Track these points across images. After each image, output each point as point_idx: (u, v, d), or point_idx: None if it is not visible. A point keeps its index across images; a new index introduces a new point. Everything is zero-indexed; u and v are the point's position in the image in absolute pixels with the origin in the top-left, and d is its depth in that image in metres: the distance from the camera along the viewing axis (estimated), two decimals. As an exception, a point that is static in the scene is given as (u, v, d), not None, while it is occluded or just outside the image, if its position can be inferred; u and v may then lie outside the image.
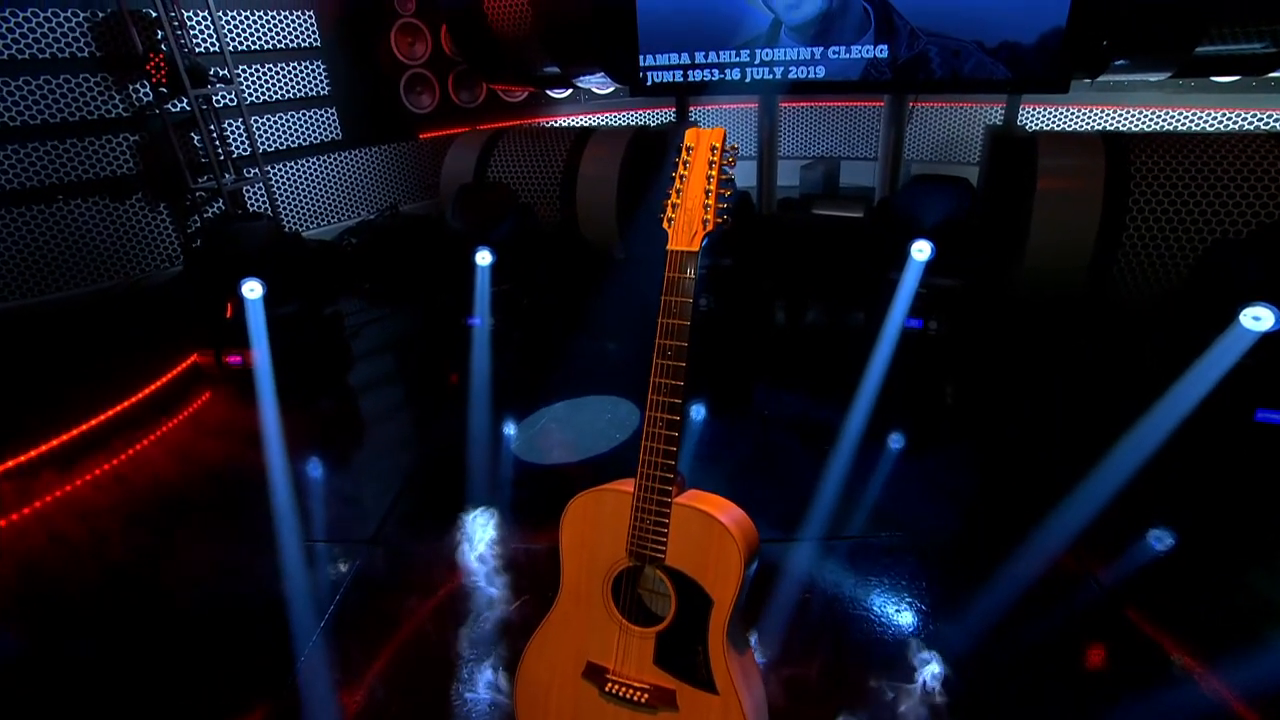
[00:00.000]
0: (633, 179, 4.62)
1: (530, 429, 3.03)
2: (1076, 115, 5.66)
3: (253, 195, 5.19)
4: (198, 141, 4.76)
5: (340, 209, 5.81)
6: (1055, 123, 5.73)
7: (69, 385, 3.54)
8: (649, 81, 4.60)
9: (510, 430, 3.01)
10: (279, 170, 5.36)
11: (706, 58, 4.38)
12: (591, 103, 6.75)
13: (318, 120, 5.51)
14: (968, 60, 3.81)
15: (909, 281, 3.16)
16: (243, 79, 4.98)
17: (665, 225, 1.25)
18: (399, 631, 1.99)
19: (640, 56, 4.53)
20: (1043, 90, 3.81)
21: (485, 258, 3.50)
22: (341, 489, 2.74)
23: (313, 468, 2.84)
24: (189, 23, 4.61)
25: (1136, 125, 5.44)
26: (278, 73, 5.19)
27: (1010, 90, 4.18)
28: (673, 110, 5.30)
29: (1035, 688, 1.75)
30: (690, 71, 4.46)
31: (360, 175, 5.87)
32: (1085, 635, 1.92)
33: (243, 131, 5.00)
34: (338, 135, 5.65)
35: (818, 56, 4.13)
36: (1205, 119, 5.17)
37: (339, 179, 5.74)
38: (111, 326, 4.31)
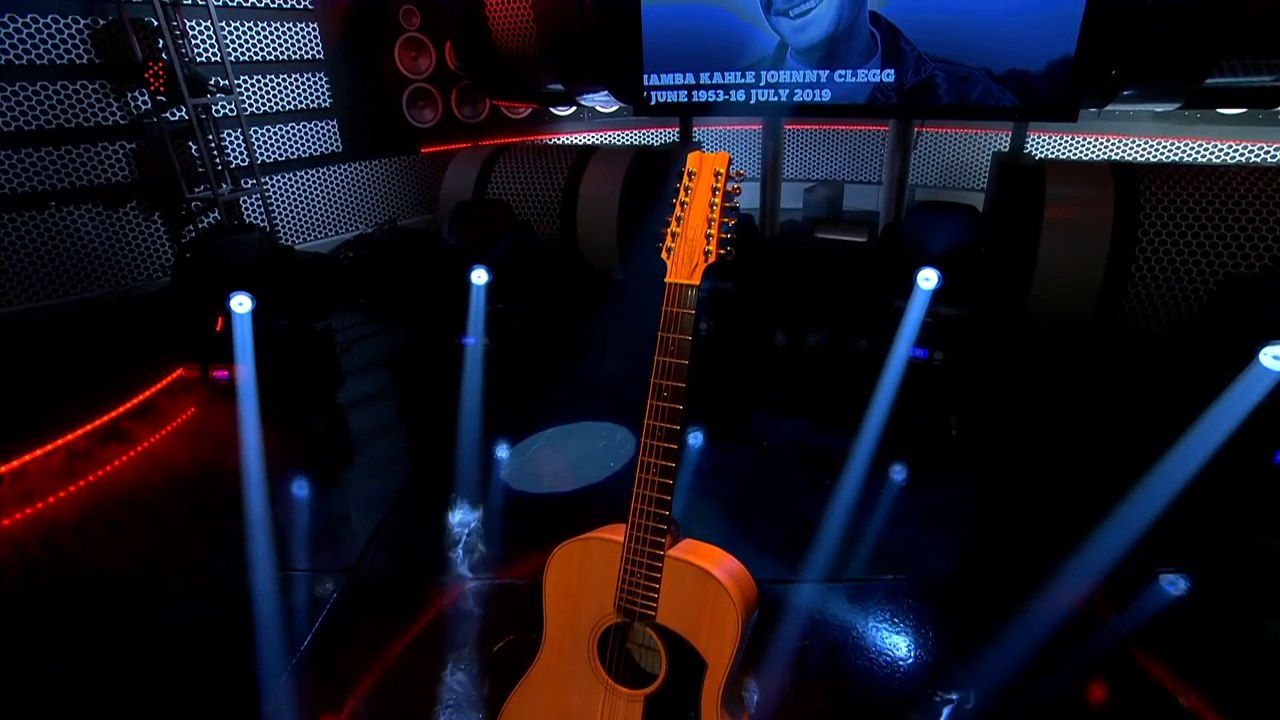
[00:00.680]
0: (634, 199, 4.56)
1: (522, 455, 2.93)
2: (1083, 144, 5.62)
3: (249, 206, 5.12)
4: (195, 151, 4.71)
5: (338, 222, 5.74)
6: (1062, 150, 5.69)
7: (50, 396, 3.45)
8: (653, 101, 4.56)
9: (502, 455, 2.91)
10: (278, 181, 5.29)
11: (711, 78, 4.35)
12: (595, 120, 6.72)
13: (318, 132, 5.45)
14: (975, 87, 3.76)
15: (915, 310, 3.07)
16: (243, 89, 4.93)
17: (664, 256, 1.16)
18: (374, 667, 1.88)
19: (645, 76, 4.50)
20: (1050, 118, 3.76)
21: (481, 276, 3.44)
22: (322, 512, 2.63)
23: (295, 489, 2.73)
24: (191, 32, 4.58)
25: (1143, 155, 5.40)
26: (279, 84, 5.15)
27: (1017, 118, 4.13)
28: (676, 130, 5.27)
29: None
30: (695, 92, 4.42)
31: (360, 188, 5.81)
32: (1096, 687, 1.81)
33: (241, 142, 4.95)
34: (338, 147, 5.60)
35: (824, 79, 4.08)
36: (1212, 150, 5.13)
37: (338, 192, 5.68)
38: (100, 336, 4.22)
